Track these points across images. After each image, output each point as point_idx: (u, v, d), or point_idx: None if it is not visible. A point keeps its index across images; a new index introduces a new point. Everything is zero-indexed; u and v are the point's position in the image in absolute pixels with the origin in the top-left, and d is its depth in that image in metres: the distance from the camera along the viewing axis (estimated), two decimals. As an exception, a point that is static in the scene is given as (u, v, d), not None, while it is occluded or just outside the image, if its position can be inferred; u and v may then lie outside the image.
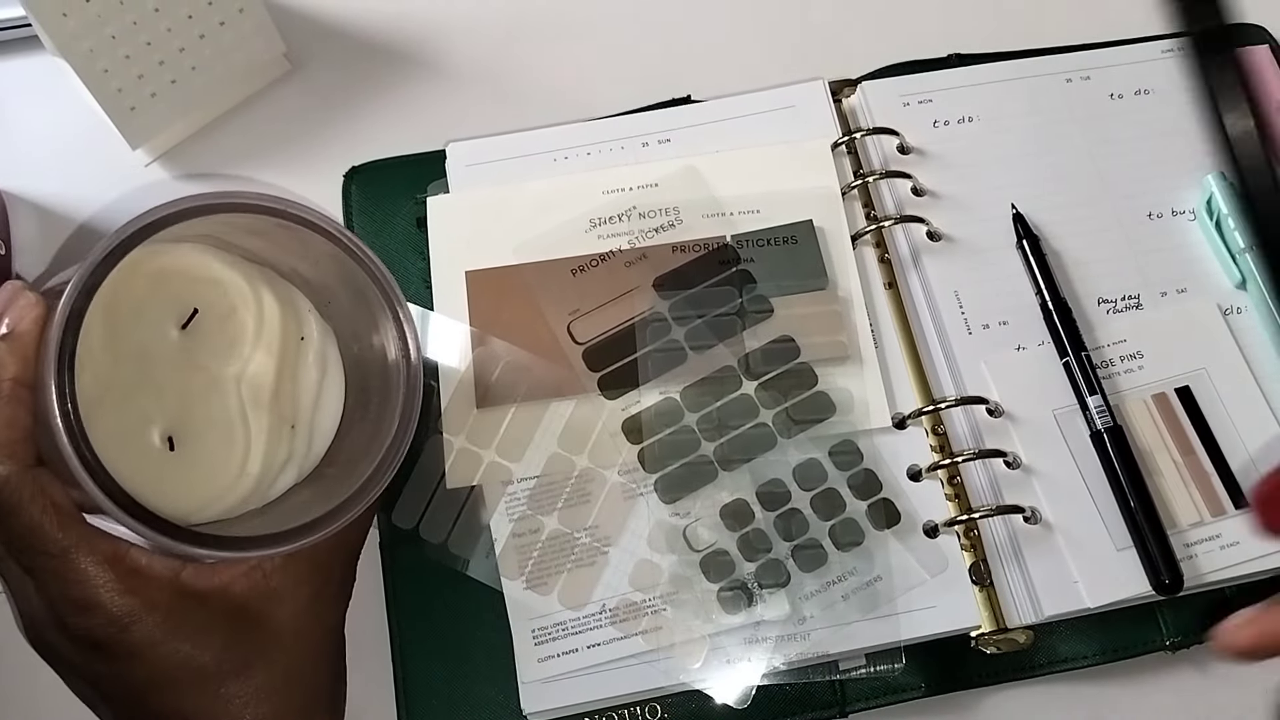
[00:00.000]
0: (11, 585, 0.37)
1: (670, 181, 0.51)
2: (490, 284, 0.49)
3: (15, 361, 0.35)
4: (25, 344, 0.36)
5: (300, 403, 0.42)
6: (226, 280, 0.41)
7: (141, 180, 0.56)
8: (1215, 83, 0.29)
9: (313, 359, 0.42)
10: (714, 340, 0.47)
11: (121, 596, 0.35)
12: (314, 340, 0.42)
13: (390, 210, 0.53)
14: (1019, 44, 0.56)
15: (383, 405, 0.40)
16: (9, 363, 0.35)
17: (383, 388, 0.41)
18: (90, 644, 0.36)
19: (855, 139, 0.52)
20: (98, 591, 0.35)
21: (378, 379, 0.41)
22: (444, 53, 0.59)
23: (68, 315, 0.34)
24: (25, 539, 0.35)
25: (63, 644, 0.36)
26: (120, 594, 0.35)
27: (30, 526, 0.35)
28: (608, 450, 0.46)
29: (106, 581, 0.35)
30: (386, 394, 0.40)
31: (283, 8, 0.59)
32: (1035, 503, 0.45)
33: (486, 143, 0.53)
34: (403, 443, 0.40)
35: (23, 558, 0.35)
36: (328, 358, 0.43)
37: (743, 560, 0.44)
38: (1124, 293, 0.49)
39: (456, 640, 0.45)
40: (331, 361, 0.43)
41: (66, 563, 0.35)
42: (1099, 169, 0.52)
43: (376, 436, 0.40)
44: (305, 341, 0.42)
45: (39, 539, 0.35)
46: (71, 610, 0.35)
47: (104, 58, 0.50)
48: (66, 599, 0.35)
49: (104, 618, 0.35)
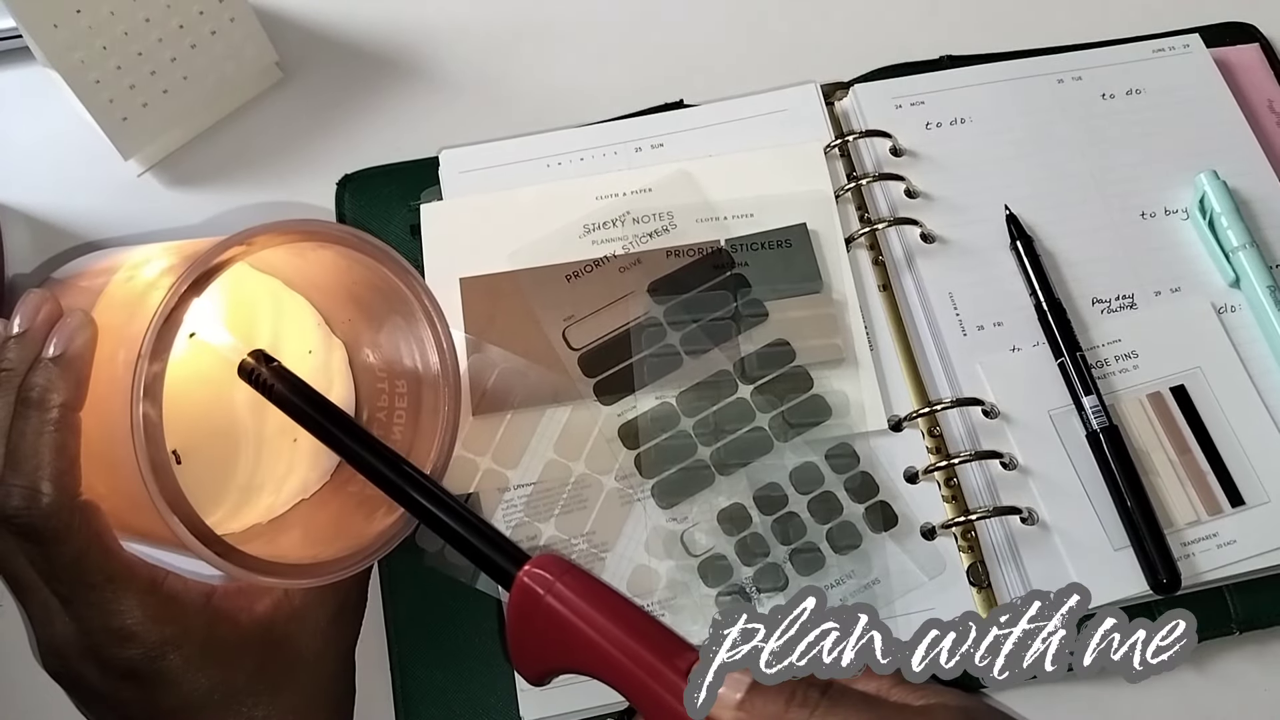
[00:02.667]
0: (33, 612, 0.36)
1: (664, 186, 0.51)
2: (485, 290, 0.49)
3: (67, 386, 0.35)
4: (78, 368, 0.35)
5: None
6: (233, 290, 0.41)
7: (134, 190, 0.56)
8: None
9: (318, 372, 0.42)
10: (709, 345, 0.47)
11: (159, 625, 0.35)
12: (320, 354, 0.42)
13: (384, 218, 0.53)
14: (1010, 45, 0.56)
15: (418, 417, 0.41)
16: (60, 387, 0.34)
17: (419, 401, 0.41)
18: (123, 672, 0.35)
19: (848, 142, 0.52)
20: (137, 621, 0.35)
21: (408, 394, 0.42)
22: (437, 60, 0.59)
23: (153, 345, 0.33)
24: (69, 569, 0.34)
25: (91, 672, 0.36)
26: (158, 623, 0.35)
27: (75, 556, 0.34)
28: (604, 456, 0.46)
29: (146, 611, 0.35)
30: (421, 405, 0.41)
31: (274, 16, 0.59)
32: (1032, 503, 0.45)
33: (480, 149, 0.53)
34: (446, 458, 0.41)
35: (61, 587, 0.35)
36: (334, 371, 0.43)
37: (740, 564, 0.44)
38: (1118, 292, 0.49)
39: (455, 648, 0.45)
40: (339, 375, 0.43)
41: (108, 593, 0.34)
42: (1091, 169, 0.52)
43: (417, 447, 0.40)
44: (312, 355, 0.42)
45: (82, 569, 0.34)
46: (109, 640, 0.35)
47: (95, 68, 0.50)
48: (105, 629, 0.35)
49: (141, 647, 0.35)
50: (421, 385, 0.42)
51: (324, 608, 0.40)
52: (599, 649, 0.32)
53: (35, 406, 0.34)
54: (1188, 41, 0.55)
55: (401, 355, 0.42)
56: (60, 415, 0.34)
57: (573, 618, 0.33)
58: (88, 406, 0.35)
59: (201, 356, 0.40)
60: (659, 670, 0.31)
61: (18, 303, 0.37)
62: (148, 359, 0.32)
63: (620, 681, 0.32)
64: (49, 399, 0.34)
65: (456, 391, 0.41)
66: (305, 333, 0.43)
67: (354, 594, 0.42)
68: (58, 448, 0.34)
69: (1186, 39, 0.55)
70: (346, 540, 0.38)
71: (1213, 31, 0.56)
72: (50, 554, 0.34)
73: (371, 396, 0.43)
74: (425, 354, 0.41)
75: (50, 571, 0.35)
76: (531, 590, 0.33)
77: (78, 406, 0.35)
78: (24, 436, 0.34)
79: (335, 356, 0.43)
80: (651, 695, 0.31)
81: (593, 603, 0.33)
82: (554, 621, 0.33)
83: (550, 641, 0.33)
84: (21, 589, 0.36)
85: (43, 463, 0.34)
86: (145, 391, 0.32)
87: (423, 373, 0.41)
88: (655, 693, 0.31)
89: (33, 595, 0.36)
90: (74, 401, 0.35)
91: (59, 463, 0.34)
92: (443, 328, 0.41)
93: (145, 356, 0.32)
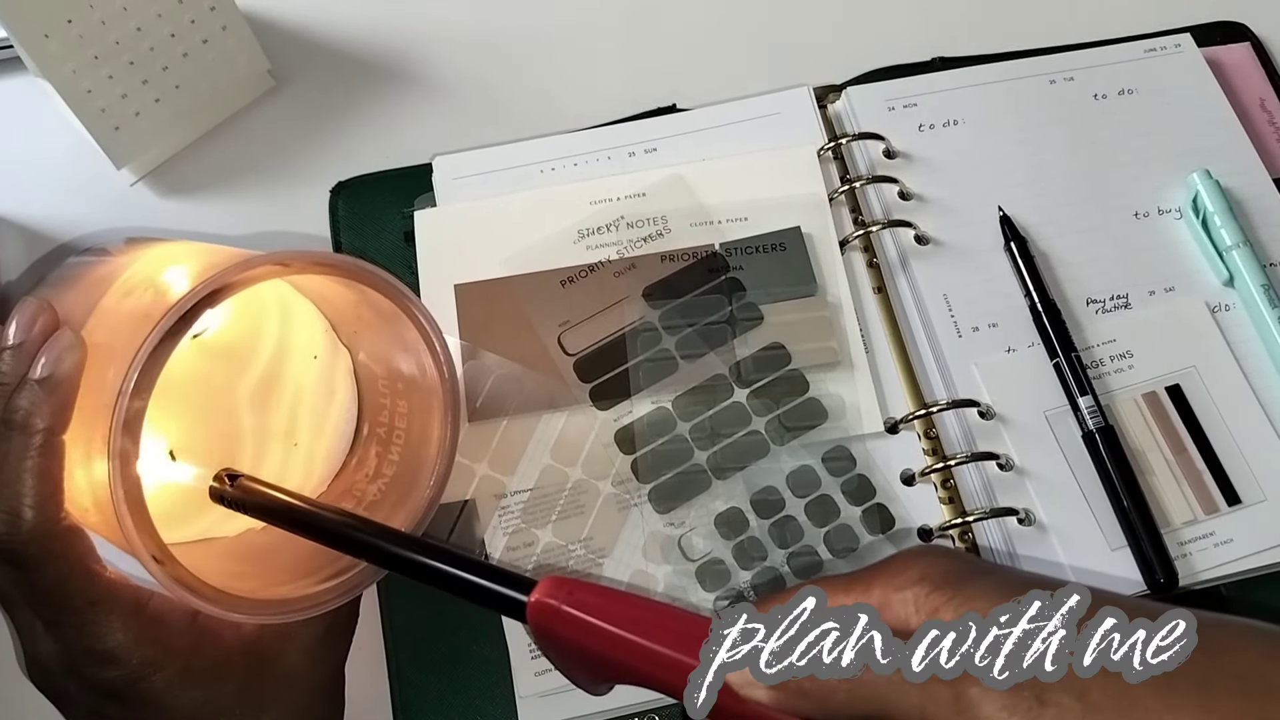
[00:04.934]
0: (20, 627, 0.36)
1: (657, 191, 0.51)
2: (479, 297, 0.48)
3: (52, 410, 0.34)
4: (64, 391, 0.34)
5: (304, 421, 0.42)
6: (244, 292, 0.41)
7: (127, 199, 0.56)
8: None
9: (323, 378, 0.42)
10: (705, 349, 0.47)
11: (142, 647, 0.35)
12: (325, 360, 0.42)
13: (378, 225, 0.53)
14: (1002, 46, 0.56)
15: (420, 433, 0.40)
16: (44, 411, 0.34)
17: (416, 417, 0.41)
18: (106, 693, 0.35)
19: (841, 144, 0.53)
20: (120, 644, 0.34)
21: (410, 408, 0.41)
22: (429, 66, 0.59)
23: (135, 383, 0.32)
24: (50, 593, 0.34)
25: (76, 690, 0.35)
26: (141, 644, 0.35)
27: (57, 581, 0.34)
28: (601, 461, 0.46)
29: (129, 634, 0.34)
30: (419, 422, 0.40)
31: (266, 24, 0.59)
32: (1029, 504, 0.45)
33: (473, 155, 0.53)
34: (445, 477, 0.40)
35: (44, 611, 0.34)
36: (339, 378, 0.43)
37: (738, 569, 0.44)
38: (1112, 292, 0.49)
39: (453, 656, 0.45)
40: (343, 383, 0.43)
41: (90, 616, 0.34)
42: (1084, 169, 0.52)
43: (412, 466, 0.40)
44: (317, 360, 0.42)
45: (65, 593, 0.34)
46: (91, 662, 0.34)
47: (87, 78, 0.50)
48: (88, 651, 0.34)
49: (124, 669, 0.34)
50: (421, 404, 0.41)
51: (312, 626, 0.39)
52: (627, 641, 0.32)
53: (19, 430, 0.34)
54: (1179, 41, 0.55)
55: (403, 371, 0.41)
56: (44, 440, 0.34)
57: (595, 620, 0.33)
58: (77, 418, 0.35)
59: (203, 357, 0.40)
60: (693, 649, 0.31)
61: (13, 310, 0.36)
62: (128, 396, 0.32)
63: (660, 670, 0.32)
64: (32, 423, 0.34)
65: (456, 417, 0.40)
66: (312, 337, 0.43)
67: (344, 611, 0.42)
68: (40, 473, 0.34)
69: (1178, 39, 0.55)
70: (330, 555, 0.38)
71: (1203, 31, 0.56)
72: (32, 579, 0.34)
73: (374, 410, 0.43)
74: (426, 372, 0.41)
75: (32, 595, 0.34)
76: (549, 606, 0.33)
77: (61, 430, 0.34)
78: (6, 460, 0.34)
79: (340, 363, 0.43)
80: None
81: (609, 600, 0.33)
82: (580, 628, 0.33)
83: (588, 652, 0.33)
84: (8, 606, 0.36)
85: (24, 489, 0.33)
86: (125, 427, 0.32)
87: (423, 390, 0.41)
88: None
89: (18, 613, 0.35)
90: (58, 425, 0.34)
91: (41, 488, 0.34)
92: (442, 350, 0.40)
93: (126, 394, 0.32)
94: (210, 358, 0.40)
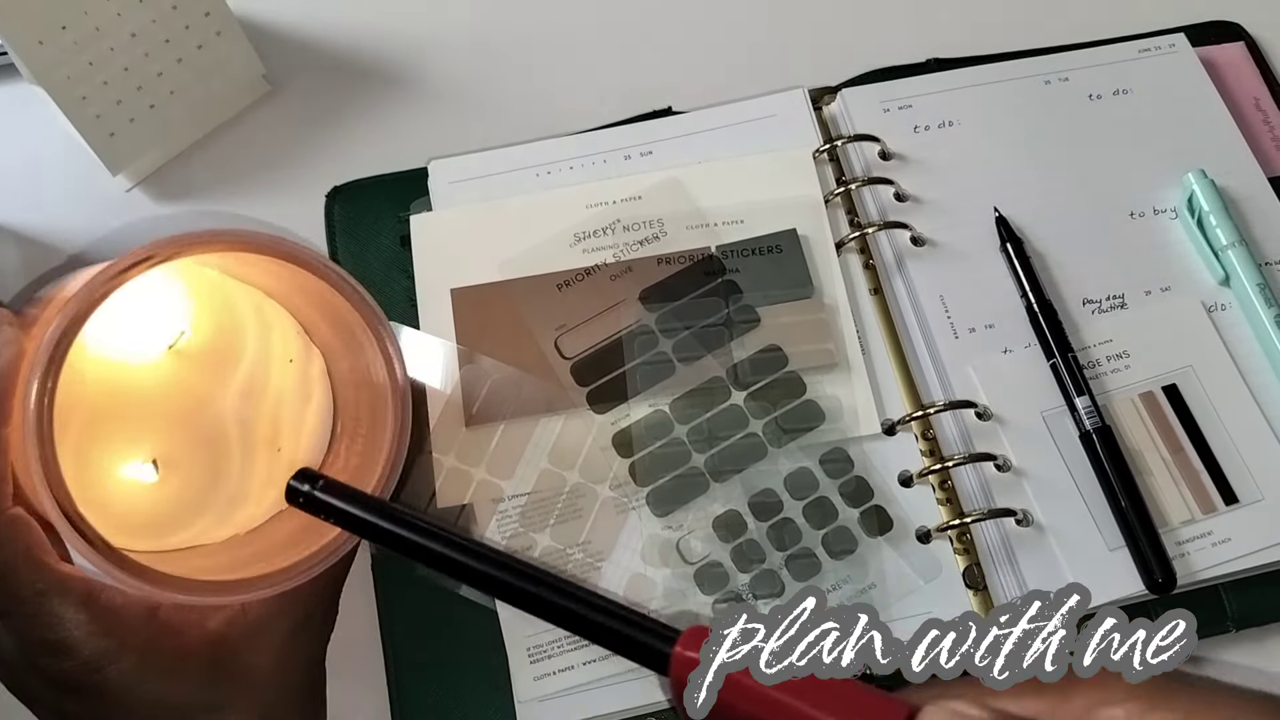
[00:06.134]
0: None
1: (653, 194, 0.51)
2: (476, 301, 0.48)
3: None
4: (3, 385, 0.34)
5: (285, 425, 0.42)
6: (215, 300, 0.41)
7: (122, 205, 0.55)
8: None
9: (299, 381, 0.42)
10: (702, 351, 0.47)
11: (96, 639, 0.34)
12: (301, 363, 0.42)
13: (373, 229, 0.53)
14: (997, 47, 0.56)
15: (372, 432, 0.40)
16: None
17: (370, 415, 0.41)
18: (65, 686, 0.35)
19: (837, 146, 0.53)
20: (72, 634, 0.34)
21: (366, 406, 0.41)
22: (424, 70, 0.59)
23: (46, 362, 0.33)
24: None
25: (36, 685, 0.35)
26: (95, 636, 0.34)
27: (3, 571, 0.34)
28: (598, 465, 0.46)
29: (81, 624, 0.34)
30: (375, 420, 0.40)
31: (261, 29, 0.59)
32: (1027, 505, 0.45)
33: (469, 159, 0.53)
34: (392, 479, 0.39)
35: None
36: (314, 381, 0.43)
37: (736, 571, 0.44)
38: (1108, 293, 0.49)
39: (451, 660, 0.45)
40: (318, 385, 0.43)
41: (40, 606, 0.34)
42: (1080, 170, 0.52)
43: (367, 466, 0.40)
44: (293, 364, 0.42)
45: (12, 583, 0.34)
46: (45, 653, 0.34)
47: (82, 84, 0.50)
48: (41, 642, 0.34)
49: (78, 660, 0.34)
50: (375, 399, 0.41)
51: (283, 620, 0.39)
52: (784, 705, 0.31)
53: None
54: (1173, 41, 0.55)
55: (359, 362, 0.41)
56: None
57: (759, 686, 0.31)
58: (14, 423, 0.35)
59: (184, 365, 0.40)
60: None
61: None
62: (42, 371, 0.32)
63: None
64: None
65: (399, 404, 0.40)
66: (287, 341, 0.43)
67: (317, 608, 0.41)
68: None
69: (1172, 38, 0.55)
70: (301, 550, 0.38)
71: (1198, 30, 0.56)
72: None
73: (345, 406, 0.43)
74: (373, 356, 0.40)
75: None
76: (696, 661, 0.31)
77: (3, 421, 0.34)
78: None
79: (315, 366, 0.43)
80: None
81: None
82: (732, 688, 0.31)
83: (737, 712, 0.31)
84: None
85: None
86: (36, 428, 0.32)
87: (375, 385, 0.41)
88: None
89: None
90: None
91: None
92: (389, 338, 0.39)
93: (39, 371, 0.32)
94: (192, 367, 0.40)
